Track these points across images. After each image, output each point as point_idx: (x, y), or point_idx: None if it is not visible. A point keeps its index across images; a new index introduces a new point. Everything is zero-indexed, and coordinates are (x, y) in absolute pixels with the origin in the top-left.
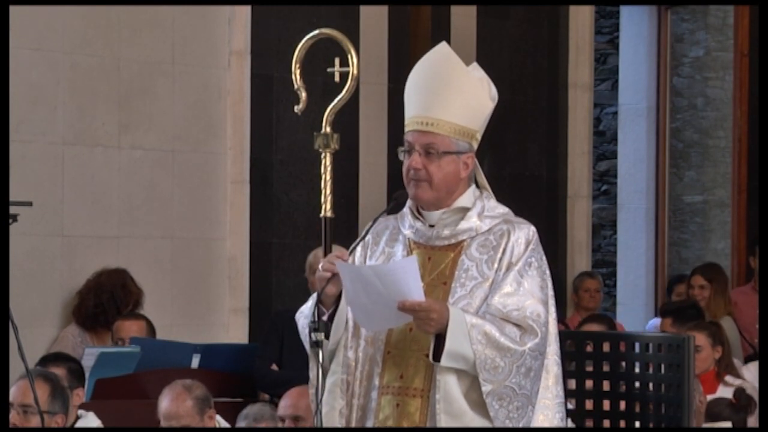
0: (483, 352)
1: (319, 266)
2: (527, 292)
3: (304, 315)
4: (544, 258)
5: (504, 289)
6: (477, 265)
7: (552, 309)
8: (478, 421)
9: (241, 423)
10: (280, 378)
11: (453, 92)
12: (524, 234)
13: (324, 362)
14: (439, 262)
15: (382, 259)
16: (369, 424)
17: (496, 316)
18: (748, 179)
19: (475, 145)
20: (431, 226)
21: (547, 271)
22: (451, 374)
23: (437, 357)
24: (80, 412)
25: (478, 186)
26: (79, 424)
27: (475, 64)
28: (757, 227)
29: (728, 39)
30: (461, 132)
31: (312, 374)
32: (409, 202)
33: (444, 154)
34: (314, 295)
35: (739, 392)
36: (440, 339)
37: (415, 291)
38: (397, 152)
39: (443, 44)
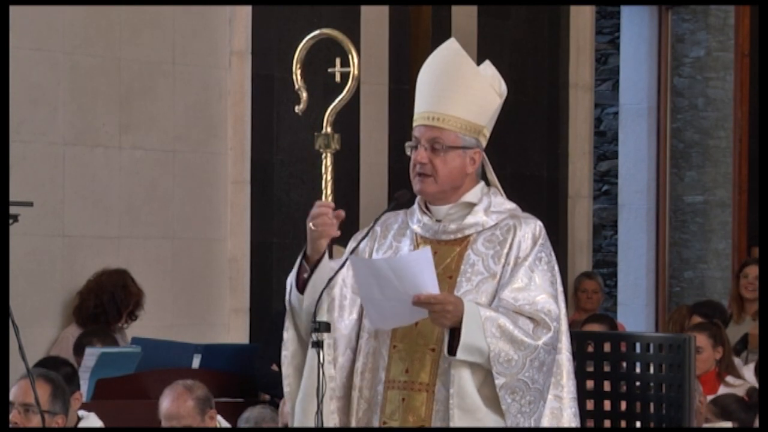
0: (497, 345)
1: (309, 223)
2: (538, 287)
3: (293, 273)
4: (552, 253)
5: (515, 284)
6: (483, 260)
7: (562, 305)
8: (491, 417)
9: (242, 426)
10: (280, 378)
11: (460, 87)
12: (531, 229)
13: (300, 328)
14: (445, 256)
15: (389, 253)
16: (375, 418)
17: (509, 309)
18: (749, 179)
19: (483, 141)
20: (438, 220)
21: (556, 267)
22: (465, 369)
23: (452, 350)
24: (81, 413)
25: (488, 183)
26: (81, 425)
27: (487, 62)
28: (758, 227)
29: (729, 39)
30: (468, 127)
31: (286, 349)
32: (418, 198)
33: (450, 149)
34: (313, 284)
35: (752, 391)
36: (454, 332)
37: (430, 283)
38: (405, 147)
39: (452, 40)
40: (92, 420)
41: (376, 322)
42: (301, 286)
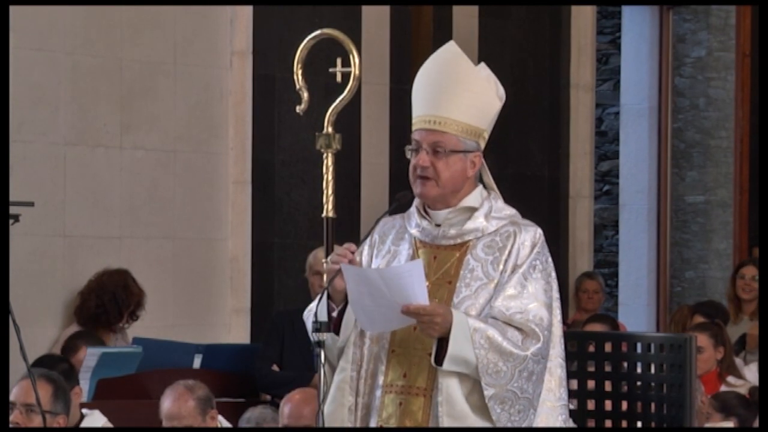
0: (485, 357)
1: (328, 259)
2: (531, 296)
3: (313, 313)
4: (549, 260)
5: (507, 291)
6: (482, 265)
7: (557, 312)
8: (480, 424)
9: (243, 426)
10: (280, 378)
11: (461, 91)
12: (530, 236)
13: (332, 360)
14: (445, 261)
15: (388, 258)
16: (372, 422)
17: (499, 319)
18: (750, 179)
19: (483, 144)
20: (437, 225)
21: (553, 274)
22: (453, 377)
23: (439, 360)
24: (85, 411)
25: (485, 186)
26: (86, 422)
27: (482, 64)
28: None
29: (730, 39)
30: (469, 131)
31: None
32: (416, 201)
33: (451, 153)
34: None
35: (754, 390)
36: (443, 342)
37: (420, 295)
38: (405, 151)
39: (451, 43)
40: (96, 417)
41: (365, 326)
42: (335, 325)
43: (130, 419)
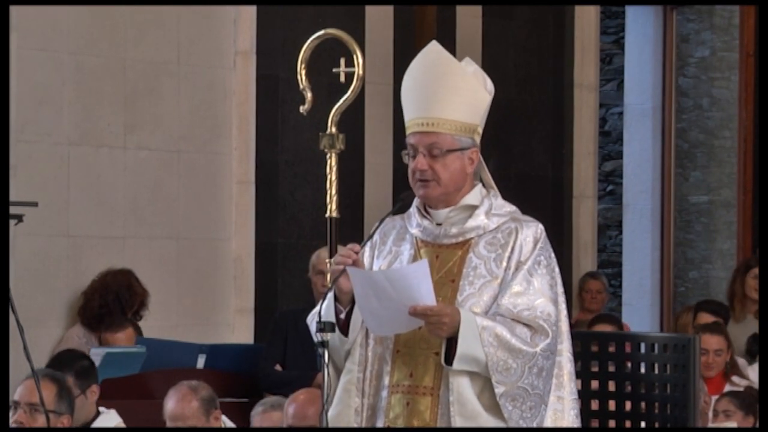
0: (495, 354)
1: (333, 260)
2: (537, 291)
3: (317, 314)
4: (552, 255)
5: (514, 288)
6: (485, 263)
7: (563, 306)
8: (492, 423)
9: (258, 409)
10: (284, 378)
11: (450, 89)
12: (532, 232)
13: (338, 362)
14: (447, 260)
15: (390, 259)
16: (379, 423)
17: (507, 316)
18: (754, 179)
19: (478, 139)
20: (438, 224)
21: (557, 269)
22: (464, 376)
23: (449, 360)
24: (102, 409)
25: (483, 184)
26: (100, 420)
27: (467, 59)
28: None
29: (734, 39)
30: (462, 128)
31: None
32: (416, 201)
33: (448, 153)
34: (328, 296)
35: (749, 389)
36: (451, 342)
37: (427, 295)
38: (402, 156)
39: (434, 43)
40: (111, 416)
41: (373, 329)
42: (343, 327)
43: (134, 419)
